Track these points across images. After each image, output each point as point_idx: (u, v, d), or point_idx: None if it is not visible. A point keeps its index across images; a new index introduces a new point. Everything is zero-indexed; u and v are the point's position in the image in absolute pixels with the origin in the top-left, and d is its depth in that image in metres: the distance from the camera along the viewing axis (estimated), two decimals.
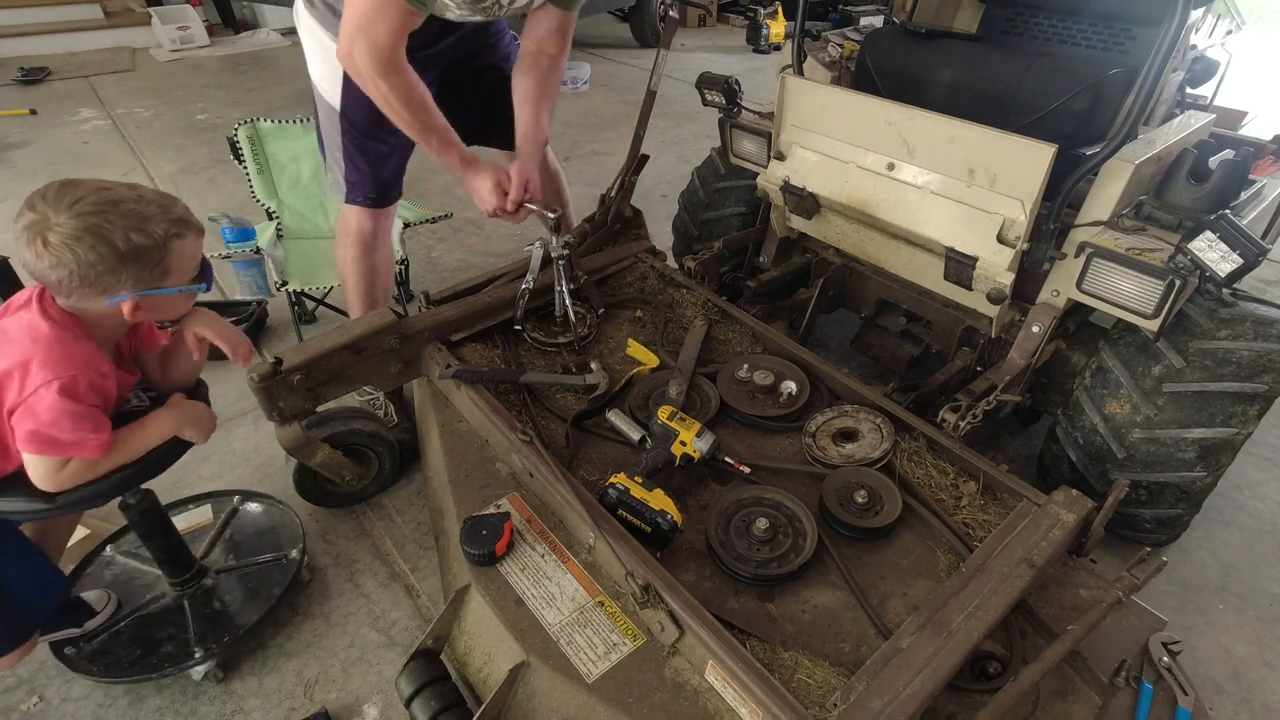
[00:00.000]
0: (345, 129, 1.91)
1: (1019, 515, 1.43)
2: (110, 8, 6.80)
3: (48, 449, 1.18)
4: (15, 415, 1.16)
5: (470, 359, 1.87)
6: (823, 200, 2.04)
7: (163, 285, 1.20)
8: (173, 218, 1.19)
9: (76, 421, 1.17)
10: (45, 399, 1.15)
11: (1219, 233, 1.44)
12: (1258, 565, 1.94)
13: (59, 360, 1.16)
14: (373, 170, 1.96)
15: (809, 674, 1.20)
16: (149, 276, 1.17)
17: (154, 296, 1.21)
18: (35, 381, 1.14)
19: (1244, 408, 1.62)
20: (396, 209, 2.15)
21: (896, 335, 2.34)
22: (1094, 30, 2.10)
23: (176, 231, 1.19)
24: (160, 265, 1.18)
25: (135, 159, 4.29)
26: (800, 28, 2.14)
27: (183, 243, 1.21)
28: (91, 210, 1.11)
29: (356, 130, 1.90)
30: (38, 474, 1.20)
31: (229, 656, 1.60)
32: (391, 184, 2.04)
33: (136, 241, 1.13)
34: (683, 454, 1.55)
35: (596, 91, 5.72)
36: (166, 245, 1.17)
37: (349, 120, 1.89)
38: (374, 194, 2.00)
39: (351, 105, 1.84)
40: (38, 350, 1.15)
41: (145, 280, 1.17)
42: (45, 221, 1.10)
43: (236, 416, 2.30)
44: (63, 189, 1.13)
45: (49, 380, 1.14)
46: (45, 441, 1.17)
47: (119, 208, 1.13)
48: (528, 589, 1.36)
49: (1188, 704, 1.26)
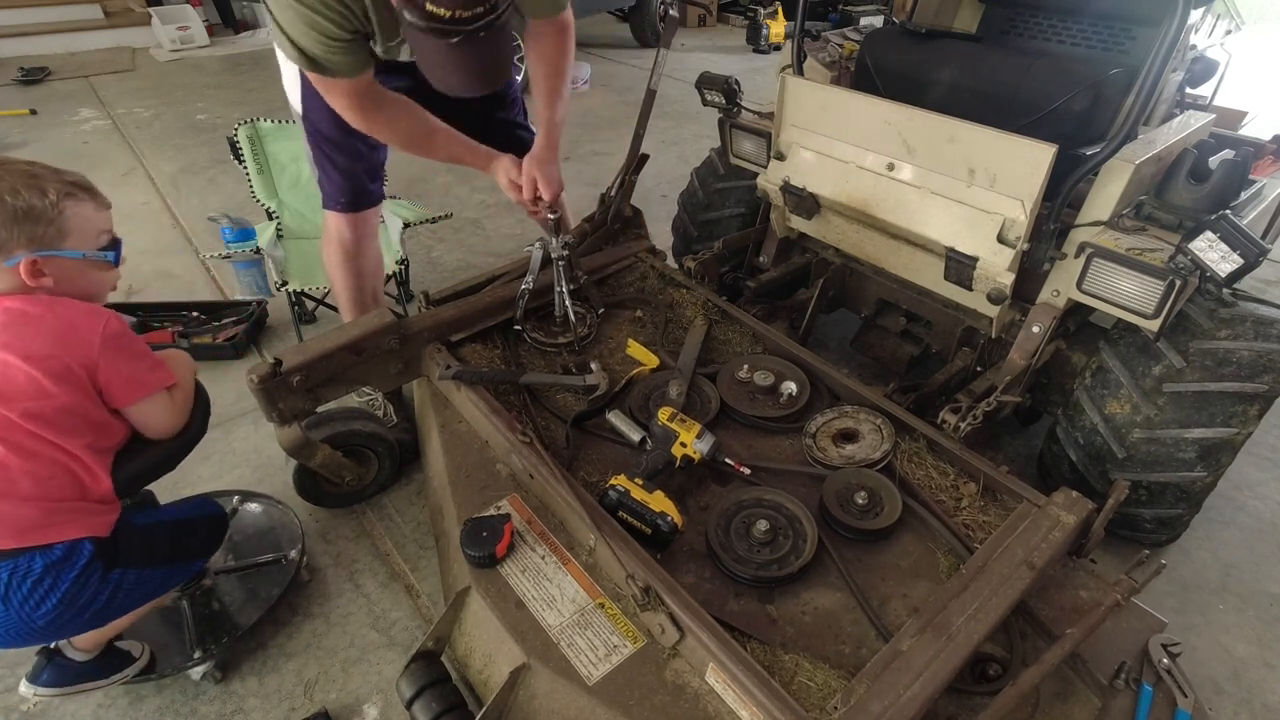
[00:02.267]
0: (310, 133, 1.88)
1: (1019, 517, 1.43)
2: (110, 8, 6.80)
3: (147, 388, 1.25)
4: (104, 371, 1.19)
5: (470, 359, 1.86)
6: (823, 200, 2.04)
7: (60, 247, 1.20)
8: (67, 179, 1.21)
9: (144, 350, 1.27)
10: (118, 326, 1.21)
11: (1219, 233, 1.44)
12: (1258, 565, 1.93)
13: (87, 309, 1.21)
14: (342, 176, 1.92)
15: (809, 676, 1.20)
16: (43, 235, 1.17)
17: (56, 260, 1.20)
18: (93, 331, 1.19)
19: (1244, 408, 1.62)
20: (378, 213, 2.11)
21: (896, 335, 2.34)
22: (1094, 30, 2.10)
23: (69, 192, 1.20)
24: (55, 224, 1.18)
25: (135, 159, 4.29)
26: (800, 28, 2.14)
27: (78, 204, 1.21)
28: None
29: (321, 135, 1.86)
30: (161, 416, 1.28)
31: (228, 657, 1.60)
32: (364, 188, 1.98)
33: (26, 198, 1.15)
34: (683, 455, 1.55)
35: (596, 91, 5.72)
36: (60, 204, 1.18)
37: (311, 124, 1.86)
38: (345, 199, 1.96)
39: (313, 110, 1.81)
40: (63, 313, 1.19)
41: (40, 240, 1.17)
42: None
43: (236, 416, 2.30)
44: None
45: (98, 325, 1.19)
46: (140, 383, 1.24)
47: (6, 167, 1.16)
48: (528, 591, 1.36)
49: (1187, 706, 1.26)
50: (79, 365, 1.18)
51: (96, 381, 1.20)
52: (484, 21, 1.22)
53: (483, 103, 2.06)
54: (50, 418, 1.16)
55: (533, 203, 1.86)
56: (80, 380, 1.18)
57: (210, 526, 1.52)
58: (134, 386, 1.24)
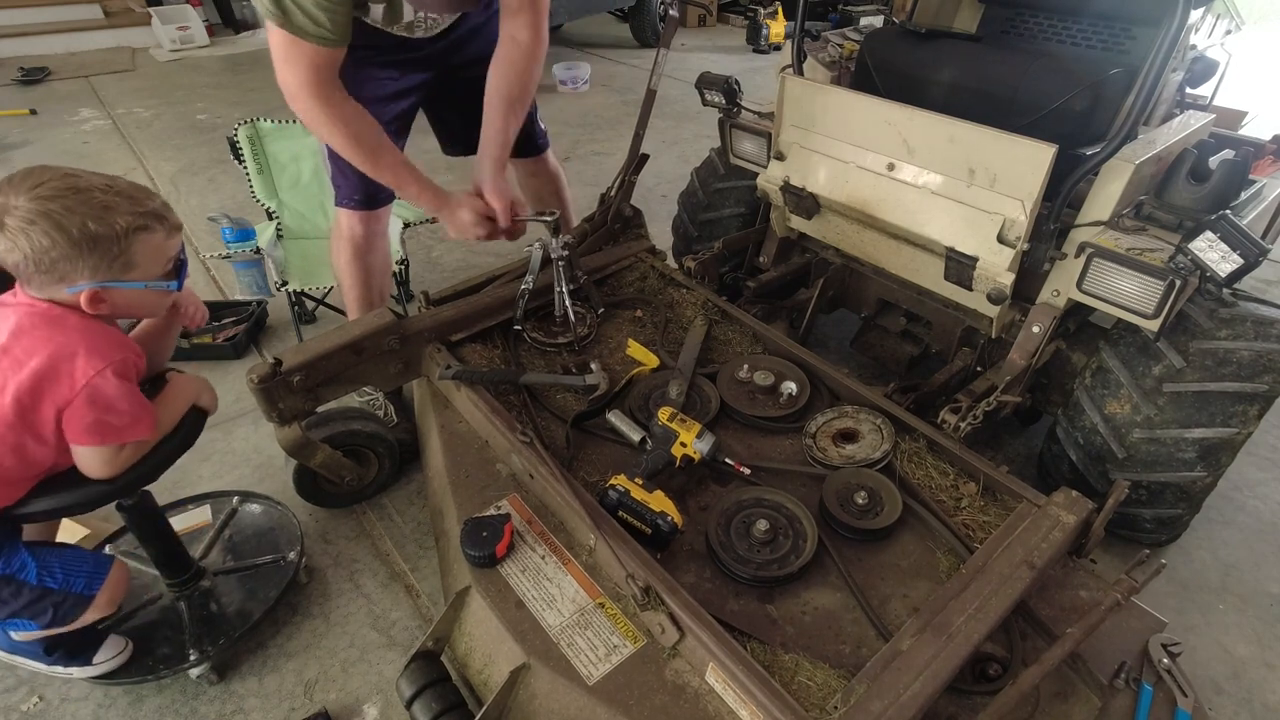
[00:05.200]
0: None
1: (1019, 516, 1.43)
2: (110, 8, 6.79)
3: (110, 437, 1.18)
4: (70, 411, 1.14)
5: (470, 359, 1.86)
6: (823, 200, 2.04)
7: (125, 279, 1.16)
8: (141, 210, 1.15)
9: (132, 403, 1.18)
10: (105, 387, 1.14)
11: (1219, 233, 1.44)
12: (1258, 565, 1.93)
13: (104, 345, 1.16)
14: (357, 174, 1.88)
15: (809, 676, 1.20)
16: (108, 268, 1.14)
17: (118, 290, 1.17)
18: (88, 371, 1.13)
19: (1244, 408, 1.62)
20: (390, 211, 2.11)
21: (896, 335, 2.34)
22: (1094, 30, 2.10)
23: (143, 224, 1.15)
24: (122, 257, 1.14)
25: (135, 159, 4.29)
26: (800, 28, 2.14)
27: (150, 236, 1.17)
28: (50, 195, 1.08)
29: None
30: (96, 463, 1.21)
31: (226, 659, 1.60)
32: (378, 187, 1.95)
33: (94, 230, 1.10)
34: (683, 455, 1.55)
35: (596, 91, 5.72)
36: (129, 237, 1.14)
37: None
38: (359, 196, 1.96)
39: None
40: (78, 339, 1.14)
41: (104, 271, 1.14)
42: (5, 204, 1.08)
43: (236, 416, 2.30)
44: (29, 174, 1.10)
45: (102, 368, 1.14)
46: (106, 430, 1.17)
47: (81, 195, 1.10)
48: (528, 591, 1.36)
49: (1187, 706, 1.26)
50: (50, 402, 1.14)
51: (61, 414, 1.16)
52: None
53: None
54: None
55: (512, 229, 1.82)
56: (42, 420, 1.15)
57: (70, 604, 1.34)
58: (88, 433, 1.17)
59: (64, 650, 1.46)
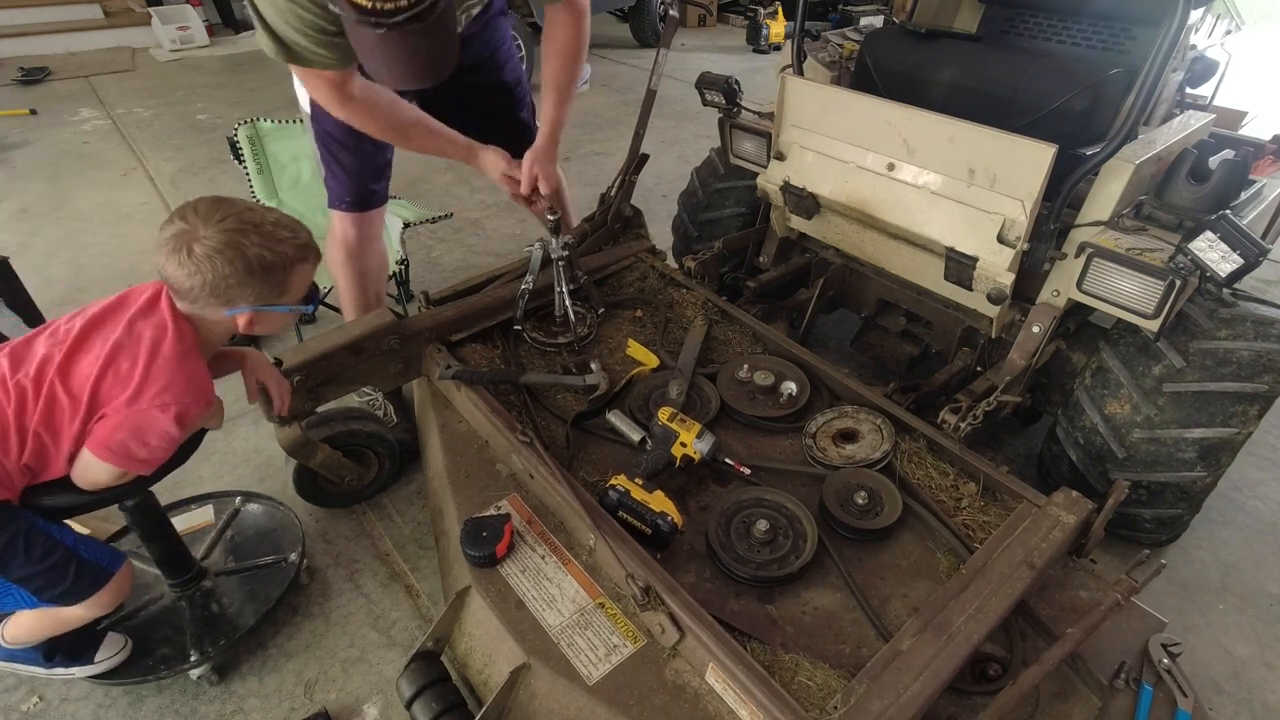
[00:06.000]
0: (317, 134, 1.87)
1: (1019, 517, 1.43)
2: (110, 8, 6.80)
3: (122, 461, 1.20)
4: (109, 419, 1.17)
5: (470, 359, 1.86)
6: (823, 200, 2.04)
7: (278, 303, 1.27)
8: (299, 243, 1.27)
9: (164, 446, 1.22)
10: (159, 422, 1.19)
11: (1219, 233, 1.44)
12: (1258, 565, 1.94)
13: (183, 384, 1.21)
14: (348, 176, 1.91)
15: (809, 676, 1.20)
16: (268, 293, 1.24)
17: (268, 312, 1.28)
18: (154, 399, 1.17)
19: (1244, 408, 1.62)
20: (384, 213, 2.11)
21: (896, 335, 2.34)
22: (1094, 30, 2.10)
23: (301, 256, 1.27)
24: (281, 284, 1.26)
25: (135, 159, 4.29)
26: (800, 28, 2.14)
27: (304, 266, 1.29)
28: (234, 228, 1.19)
29: (328, 136, 1.85)
30: (93, 476, 1.22)
31: (226, 659, 1.60)
32: (370, 189, 1.97)
33: (268, 259, 1.21)
34: (683, 455, 1.55)
35: (596, 91, 5.72)
36: (291, 266, 1.25)
37: (319, 125, 1.85)
38: (351, 198, 1.95)
39: (321, 111, 1.77)
40: (165, 367, 1.19)
41: (264, 296, 1.24)
42: (193, 233, 1.17)
43: (236, 416, 2.30)
44: (214, 205, 1.21)
45: (168, 404, 1.18)
46: (124, 455, 1.19)
47: (260, 229, 1.21)
48: (528, 591, 1.36)
49: (1187, 706, 1.26)
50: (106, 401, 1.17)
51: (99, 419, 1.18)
52: (411, 13, 1.16)
53: (491, 98, 2.05)
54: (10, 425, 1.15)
55: (529, 198, 1.86)
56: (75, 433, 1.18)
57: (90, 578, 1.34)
58: (108, 447, 1.18)
59: (64, 653, 1.46)
